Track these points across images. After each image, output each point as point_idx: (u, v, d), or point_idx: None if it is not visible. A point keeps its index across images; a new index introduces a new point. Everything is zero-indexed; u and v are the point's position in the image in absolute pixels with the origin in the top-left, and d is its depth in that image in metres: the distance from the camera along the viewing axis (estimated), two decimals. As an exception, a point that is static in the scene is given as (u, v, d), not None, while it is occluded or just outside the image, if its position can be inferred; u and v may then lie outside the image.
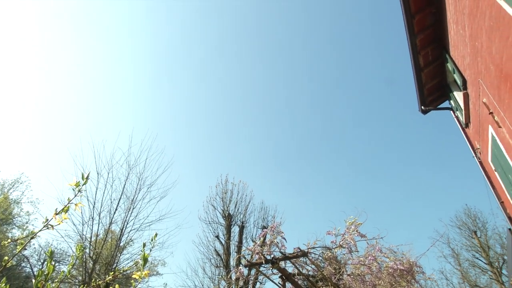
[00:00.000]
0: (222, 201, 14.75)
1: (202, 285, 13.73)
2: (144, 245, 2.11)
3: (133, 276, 2.01)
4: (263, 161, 52.24)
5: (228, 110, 51.95)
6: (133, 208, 13.20)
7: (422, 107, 10.57)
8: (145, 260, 2.04)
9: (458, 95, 9.38)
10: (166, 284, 19.91)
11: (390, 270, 7.39)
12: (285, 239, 5.99)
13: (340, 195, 47.15)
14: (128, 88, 44.98)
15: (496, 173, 8.03)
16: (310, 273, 6.78)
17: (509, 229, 7.98)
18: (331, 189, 49.80)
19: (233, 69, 50.18)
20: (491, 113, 7.06)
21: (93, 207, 12.56)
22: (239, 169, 49.53)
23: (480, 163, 9.00)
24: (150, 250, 2.19)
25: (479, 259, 24.36)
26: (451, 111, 10.55)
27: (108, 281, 2.14)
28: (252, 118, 52.23)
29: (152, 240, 2.28)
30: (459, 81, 8.61)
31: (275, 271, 5.93)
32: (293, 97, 53.55)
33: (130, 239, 13.45)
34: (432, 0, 8.24)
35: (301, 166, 51.52)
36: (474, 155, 9.27)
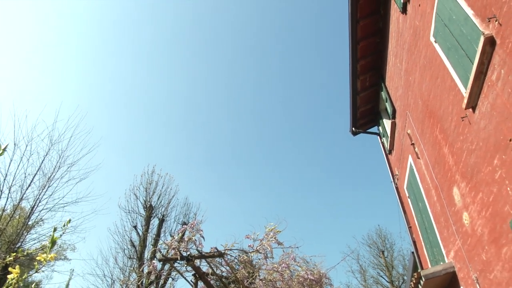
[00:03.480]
0: (146, 191, 14.26)
1: (112, 275, 13.16)
2: (55, 229, 1.94)
3: (38, 258, 1.84)
4: (195, 158, 51.56)
5: (170, 102, 50.53)
6: (48, 186, 12.14)
7: (353, 128, 11.13)
8: (53, 242, 1.89)
9: (387, 123, 10.03)
10: (73, 270, 18.69)
11: (300, 279, 7.66)
12: (203, 238, 5.94)
13: (265, 200, 48.15)
14: (59, 59, 41.62)
15: (409, 199, 8.68)
16: (224, 274, 6.79)
17: (412, 252, 8.66)
18: (257, 194, 50.67)
19: (179, 64, 48.96)
20: (412, 144, 7.62)
21: (4, 179, 11.33)
22: (169, 162, 48.35)
23: (397, 188, 9.68)
24: (61, 235, 2.02)
25: (383, 277, 26.48)
26: (378, 137, 11.25)
27: (8, 262, 1.92)
28: (192, 116, 51.37)
29: (64, 226, 2.12)
30: (389, 110, 9.20)
31: (189, 268, 5.84)
32: (234, 102, 53.69)
33: (41, 218, 12.37)
34: (378, 31, 8.72)
35: (233, 169, 51.77)
36: (392, 180, 9.95)
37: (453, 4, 4.61)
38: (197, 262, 5.88)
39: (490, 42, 3.91)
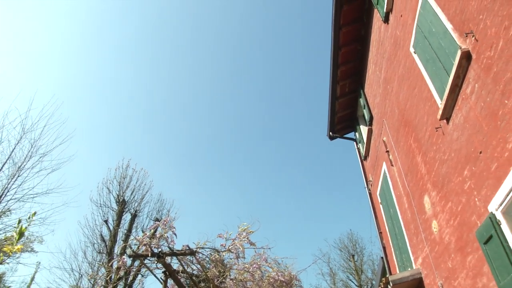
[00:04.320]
0: (119, 185, 13.98)
1: (80, 270, 12.87)
2: (20, 221, 1.88)
3: (4, 249, 1.77)
4: (170, 155, 50.94)
5: (147, 97, 49.69)
6: (18, 176, 11.69)
7: (331, 133, 11.27)
8: (21, 234, 1.84)
9: (364, 129, 10.19)
10: (40, 263, 18.10)
11: (271, 280, 7.70)
12: (175, 235, 5.90)
13: (239, 200, 48.09)
14: (36, 46, 40.19)
15: (381, 205, 8.85)
16: (195, 272, 6.76)
17: (382, 257, 8.84)
18: (232, 193, 50.55)
19: (160, 60, 48.28)
20: (387, 151, 7.78)
21: (-29, 166, 10.83)
22: (144, 158, 47.48)
23: (370, 194, 9.86)
24: (26, 228, 1.96)
25: (352, 281, 27.00)
26: (355, 142, 11.43)
27: (-31, 253, 1.84)
28: (169, 112, 50.72)
29: (29, 218, 2.06)
30: (367, 117, 9.35)
31: (159, 265, 5.77)
32: (213, 100, 53.40)
33: (8, 208, 11.90)
34: (360, 38, 8.85)
35: (208, 167, 51.45)
36: (366, 186, 10.13)
37: (434, 18, 4.72)
38: (168, 259, 5.81)
39: (467, 57, 4.03)
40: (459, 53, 4.04)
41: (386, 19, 6.85)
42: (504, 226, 3.62)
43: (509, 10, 3.20)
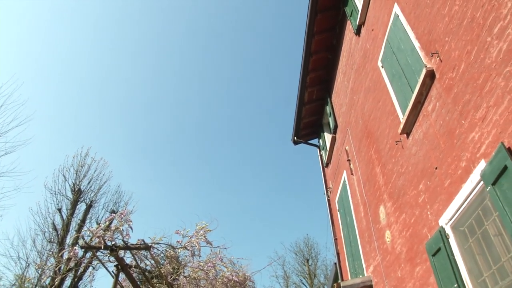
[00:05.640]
0: (76, 174, 13.46)
1: (27, 258, 12.29)
2: None
3: None
4: (132, 147, 49.60)
5: (113, 87, 48.04)
6: (-32, 157, 10.94)
7: (295, 137, 11.41)
8: None
9: (328, 137, 10.40)
10: None
11: (225, 280, 7.69)
12: (131, 228, 5.74)
13: (198, 198, 47.61)
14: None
15: (338, 212, 9.05)
16: (148, 268, 6.63)
17: (335, 263, 9.04)
18: (191, 191, 49.95)
19: (127, 49, 46.88)
20: (348, 160, 7.97)
21: None
22: (105, 147, 45.87)
23: (328, 201, 10.06)
24: None
25: (305, 285, 27.62)
26: (318, 149, 11.63)
27: None
28: (133, 105, 49.41)
29: None
30: (331, 125, 9.55)
31: (112, 258, 5.59)
32: (180, 100, 52.64)
33: (-46, 189, 11.13)
34: (331, 47, 9.02)
35: (169, 164, 50.58)
36: (325, 193, 10.33)
37: (403, 35, 4.89)
38: (121, 253, 5.65)
39: (430, 76, 4.19)
40: (424, 71, 4.20)
41: (358, 32, 7.02)
42: (452, 240, 3.80)
43: (472, 36, 3.36)
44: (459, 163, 3.63)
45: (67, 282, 11.50)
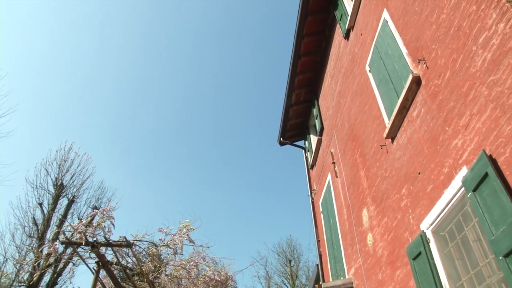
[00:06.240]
0: (59, 168, 13.20)
1: (5, 253, 11.98)
2: None
3: None
4: (116, 143, 48.95)
5: (100, 83, 47.32)
6: None
7: (281, 138, 11.44)
8: None
9: (313, 139, 10.45)
10: None
11: (206, 279, 7.67)
12: (113, 225, 5.71)
13: (182, 196, 47.31)
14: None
15: (322, 214, 9.11)
16: (129, 265, 6.58)
17: (317, 265, 9.09)
18: (175, 189, 49.62)
19: (112, 43, 46.24)
20: (333, 163, 8.02)
21: None
22: (89, 143, 45.12)
23: (312, 203, 10.11)
24: None
25: (286, 285, 27.76)
26: (303, 151, 11.68)
27: None
28: (119, 100, 48.77)
29: None
30: (318, 127, 9.60)
31: (93, 255, 5.54)
32: (165, 99, 52.23)
33: None
34: (320, 50, 9.07)
35: (153, 161, 50.10)
36: (309, 195, 10.38)
37: (391, 41, 4.95)
38: (102, 249, 5.59)
39: (417, 82, 4.26)
40: (410, 77, 4.25)
41: (346, 36, 7.07)
42: (433, 245, 3.86)
43: (458, 44, 3.42)
44: (442, 169, 3.69)
45: (46, 278, 11.29)
